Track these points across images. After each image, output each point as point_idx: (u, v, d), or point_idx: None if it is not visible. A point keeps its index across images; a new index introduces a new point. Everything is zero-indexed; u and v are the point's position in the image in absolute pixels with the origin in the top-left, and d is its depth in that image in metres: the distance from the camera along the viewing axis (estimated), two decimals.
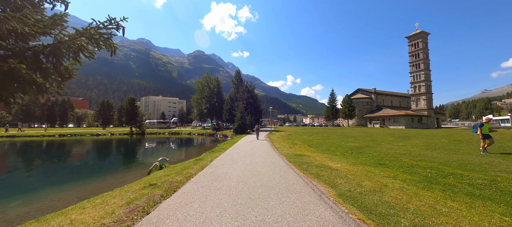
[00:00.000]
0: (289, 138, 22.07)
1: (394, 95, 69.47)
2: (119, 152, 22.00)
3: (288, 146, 13.34)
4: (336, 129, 42.37)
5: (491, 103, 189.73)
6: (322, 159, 8.46)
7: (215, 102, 47.09)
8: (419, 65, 58.76)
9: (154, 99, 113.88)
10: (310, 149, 12.48)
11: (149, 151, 22.04)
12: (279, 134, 28.86)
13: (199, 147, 25.98)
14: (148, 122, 59.34)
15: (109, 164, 14.90)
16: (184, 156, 17.26)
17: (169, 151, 22.29)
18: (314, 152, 10.75)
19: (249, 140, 19.29)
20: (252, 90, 39.83)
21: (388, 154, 9.67)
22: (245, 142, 17.36)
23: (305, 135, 26.79)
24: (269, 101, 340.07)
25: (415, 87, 59.69)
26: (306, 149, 12.53)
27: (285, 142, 17.19)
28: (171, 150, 23.08)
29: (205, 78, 51.48)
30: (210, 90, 48.73)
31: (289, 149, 11.80)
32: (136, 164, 14.80)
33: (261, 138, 23.22)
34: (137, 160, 16.66)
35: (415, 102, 59.85)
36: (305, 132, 32.41)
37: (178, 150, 23.13)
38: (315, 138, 21.52)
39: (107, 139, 34.76)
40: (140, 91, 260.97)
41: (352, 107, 56.51)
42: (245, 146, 13.85)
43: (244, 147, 13.43)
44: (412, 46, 60.63)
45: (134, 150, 23.06)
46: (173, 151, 21.84)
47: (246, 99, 36.90)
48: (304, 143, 16.13)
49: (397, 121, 52.63)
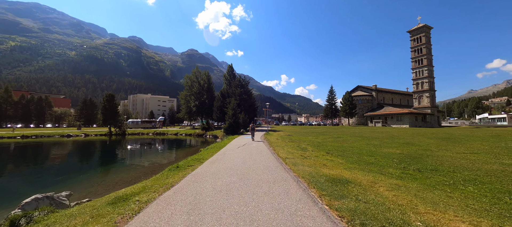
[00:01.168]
0: (292, 139, 17.91)
1: (395, 93, 66.69)
2: (57, 160, 17.31)
3: (299, 155, 9.12)
4: (339, 128, 38.62)
5: (482, 102, 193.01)
6: (391, 192, 4.23)
7: (205, 99, 42.52)
8: (422, 61, 55.95)
9: (142, 97, 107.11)
10: (335, 160, 8.30)
11: (108, 157, 17.43)
12: (277, 134, 24.69)
13: (179, 151, 21.51)
14: (131, 121, 54.10)
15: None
16: (132, 177, 10.28)
17: (131, 158, 17.73)
18: (353, 170, 6.43)
19: (242, 143, 15.04)
20: (246, 85, 35.55)
21: (495, 172, 5.65)
22: (235, 147, 13.09)
23: (309, 135, 22.71)
24: (264, 101, 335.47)
25: (418, 84, 56.87)
26: (328, 159, 8.35)
27: (290, 146, 13.04)
28: (134, 157, 18.47)
29: (194, 73, 46.81)
30: (200, 86, 44.09)
31: (304, 161, 7.59)
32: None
33: (257, 138, 19.06)
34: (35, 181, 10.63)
35: (417, 100, 57.03)
36: (307, 131, 28.39)
37: (143, 157, 18.50)
38: (325, 139, 17.41)
39: (77, 141, 29.79)
40: (131, 90, 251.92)
41: (353, 105, 53.09)
42: (235, 155, 9.58)
43: (233, 157, 9.15)
44: (414, 41, 57.78)
45: (84, 157, 18.38)
46: (132, 160, 17.16)
47: (239, 95, 32.58)
48: (317, 148, 12.02)
49: (401, 120, 49.51)
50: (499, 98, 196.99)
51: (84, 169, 13.57)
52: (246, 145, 14.07)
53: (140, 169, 12.41)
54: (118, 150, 22.54)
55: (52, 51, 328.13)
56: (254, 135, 19.00)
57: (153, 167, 13.02)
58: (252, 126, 19.15)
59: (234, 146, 13.40)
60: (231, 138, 21.25)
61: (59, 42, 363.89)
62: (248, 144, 14.81)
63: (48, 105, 71.89)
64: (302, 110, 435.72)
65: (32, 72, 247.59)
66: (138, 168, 12.90)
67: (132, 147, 24.52)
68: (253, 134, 18.88)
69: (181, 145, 27.20)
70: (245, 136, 22.51)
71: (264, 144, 14.87)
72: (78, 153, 21.08)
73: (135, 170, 12.09)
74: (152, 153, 20.31)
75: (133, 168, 12.85)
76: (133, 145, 26.27)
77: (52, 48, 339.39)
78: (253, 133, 18.85)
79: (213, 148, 13.39)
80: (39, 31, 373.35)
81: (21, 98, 65.87)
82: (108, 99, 39.84)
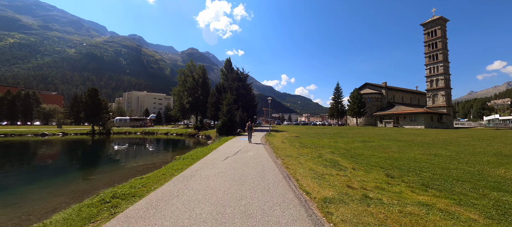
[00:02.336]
0: (303, 143, 13.66)
1: (405, 91, 62.22)
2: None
3: (342, 184, 4.75)
4: (351, 129, 34.25)
5: (487, 104, 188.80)
6: None
7: (199, 95, 38.22)
8: (437, 56, 51.45)
9: (137, 94, 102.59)
10: (445, 202, 3.89)
11: (51, 167, 13.22)
12: (281, 135, 20.38)
13: (160, 155, 17.23)
14: (118, 119, 49.82)
15: None
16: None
17: (78, 170, 13.48)
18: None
19: (235, 149, 10.92)
20: (245, 79, 31.23)
21: None
22: (223, 156, 8.88)
23: (321, 136, 18.37)
24: (264, 100, 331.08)
25: (432, 81, 52.37)
26: (426, 205, 3.95)
27: (306, 156, 8.85)
28: (86, 168, 14.18)
29: (188, 66, 42.52)
30: (194, 80, 39.77)
31: (377, 212, 3.23)
32: None
33: (255, 140, 14.88)
34: None
35: (431, 99, 52.53)
36: (316, 132, 24.05)
37: (98, 169, 14.26)
38: (351, 145, 13.14)
39: (51, 141, 25.67)
40: (130, 89, 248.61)
41: (362, 103, 48.65)
42: (211, 181, 5.23)
43: (206, 186, 4.82)
44: (428, 34, 53.30)
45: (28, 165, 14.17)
46: (75, 175, 12.95)
47: (236, 90, 28.30)
48: (355, 162, 7.79)
49: (415, 120, 45.07)
50: (502, 100, 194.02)
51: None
52: (240, 152, 9.82)
53: (123, 172, 8.23)
54: (80, 154, 18.31)
55: (51, 49, 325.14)
56: (251, 136, 14.83)
57: (126, 173, 8.82)
58: (249, 125, 15.04)
59: (222, 154, 9.14)
60: (224, 139, 16.99)
61: (59, 40, 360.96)
62: (243, 150, 10.59)
63: (36, 102, 67.87)
64: (302, 110, 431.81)
65: (30, 70, 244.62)
66: (120, 171, 8.73)
67: (105, 150, 20.36)
68: (250, 134, 14.71)
69: (166, 147, 22.97)
70: (241, 138, 18.25)
71: (265, 150, 10.63)
72: (34, 156, 16.81)
73: (57, 194, 7.78)
74: (120, 160, 16.06)
75: (59, 191, 8.50)
76: (109, 147, 22.12)
77: (51, 45, 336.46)
78: (250, 133, 14.70)
79: (186, 158, 9.10)
80: (39, 28, 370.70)
81: (6, 94, 61.80)
82: (90, 94, 35.66)
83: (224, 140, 16.31)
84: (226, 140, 16.71)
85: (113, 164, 13.52)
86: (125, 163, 13.76)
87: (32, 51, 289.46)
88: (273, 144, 13.23)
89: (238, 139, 16.88)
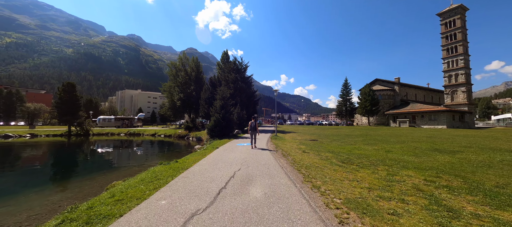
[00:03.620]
0: (337, 154, 8.91)
1: (419, 88, 57.32)
2: None
3: None
4: (368, 129, 29.44)
5: (491, 103, 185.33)
6: None
7: (192, 91, 33.37)
8: (456, 49, 46.65)
9: (131, 93, 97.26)
10: None
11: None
12: (292, 137, 15.58)
13: (121, 169, 12.42)
14: (101, 118, 44.97)
15: None
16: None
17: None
18: None
19: (227, 171, 6.35)
20: (244, 70, 26.38)
21: None
22: (204, 186, 4.00)
23: (348, 140, 13.60)
24: (263, 100, 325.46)
25: (451, 76, 47.56)
26: None
27: (383, 186, 3.68)
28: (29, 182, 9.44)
29: (180, 59, 37.65)
30: (186, 74, 34.92)
31: None
32: None
33: (260, 145, 10.24)
34: None
35: (450, 96, 47.72)
36: (334, 134, 19.23)
37: (43, 185, 9.46)
38: (423, 155, 8.20)
39: (14, 144, 20.90)
40: (128, 88, 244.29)
41: (375, 100, 43.73)
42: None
43: None
44: (446, 25, 48.50)
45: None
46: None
47: (233, 82, 23.49)
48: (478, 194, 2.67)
49: (435, 119, 40.19)
50: (503, 99, 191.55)
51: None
52: (235, 182, 4.94)
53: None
54: (32, 162, 13.53)
55: (48, 48, 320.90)
56: (255, 139, 10.29)
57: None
58: (253, 124, 10.72)
59: (189, 194, 4.23)
60: (214, 145, 12.21)
61: (56, 39, 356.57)
62: (242, 172, 5.82)
63: (19, 100, 63.07)
64: (301, 110, 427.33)
65: (26, 69, 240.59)
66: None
67: (58, 158, 15.55)
68: (253, 136, 10.57)
69: (145, 153, 18.16)
70: (240, 142, 13.45)
71: (283, 170, 5.88)
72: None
73: None
74: (80, 170, 11.27)
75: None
76: (73, 152, 17.36)
77: (48, 45, 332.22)
78: (253, 135, 10.59)
79: (131, 189, 4.24)
80: (36, 28, 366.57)
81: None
82: (65, 89, 30.83)
83: (214, 146, 11.51)
84: (218, 145, 11.91)
85: (106, 172, 8.74)
86: (120, 170, 9.01)
87: (29, 51, 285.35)
88: (290, 155, 8.44)
89: (234, 144, 12.08)
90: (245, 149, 10.10)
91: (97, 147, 21.09)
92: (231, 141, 13.82)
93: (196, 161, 7.25)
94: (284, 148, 10.37)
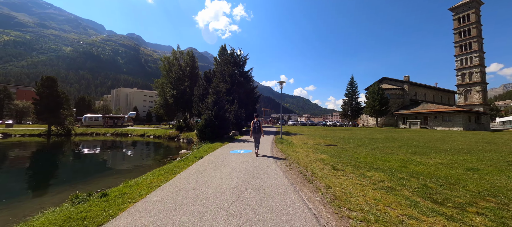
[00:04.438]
0: (413, 184, 5.61)
1: (428, 87, 54.27)
2: None
3: None
4: (381, 131, 26.39)
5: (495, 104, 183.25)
6: None
7: (185, 87, 30.29)
8: (470, 46, 43.68)
9: (126, 91, 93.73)
10: None
11: None
12: (300, 141, 12.62)
13: (86, 180, 9.37)
14: (88, 117, 41.81)
15: None
16: None
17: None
18: None
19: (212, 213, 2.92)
20: (243, 63, 23.31)
21: None
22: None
23: (382, 143, 10.53)
24: (262, 100, 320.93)
25: (464, 75, 44.58)
26: None
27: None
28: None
29: (174, 53, 34.54)
30: (180, 70, 31.84)
31: None
32: None
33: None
34: None
35: (463, 96, 44.74)
36: (350, 136, 16.20)
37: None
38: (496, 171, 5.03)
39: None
40: (127, 87, 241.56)
41: (384, 100, 40.63)
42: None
43: None
44: (459, 20, 45.54)
45: None
46: None
47: (230, 76, 20.43)
48: None
49: (450, 120, 37.14)
50: (503, 101, 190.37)
51: None
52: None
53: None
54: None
55: (47, 47, 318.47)
56: (259, 143, 7.91)
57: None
58: (257, 124, 8.23)
59: None
60: (202, 151, 9.20)
61: (55, 38, 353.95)
62: (236, 214, 2.63)
63: (7, 98, 59.94)
64: (301, 110, 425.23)
65: (24, 67, 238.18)
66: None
67: (22, 162, 12.50)
68: (257, 140, 8.13)
69: (121, 159, 15.09)
70: (235, 147, 10.44)
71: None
72: None
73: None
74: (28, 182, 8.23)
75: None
76: (44, 154, 14.29)
77: (47, 43, 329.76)
78: (257, 137, 8.15)
79: None
80: (35, 26, 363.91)
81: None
82: (44, 84, 27.81)
83: (198, 155, 8.42)
84: (204, 152, 8.84)
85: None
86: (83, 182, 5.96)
87: (27, 49, 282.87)
88: (314, 174, 5.45)
89: (227, 151, 9.05)
90: (241, 160, 7.03)
91: (67, 150, 18.04)
92: (224, 146, 10.76)
93: (145, 191, 4.21)
94: (298, 159, 7.29)
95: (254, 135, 8.09)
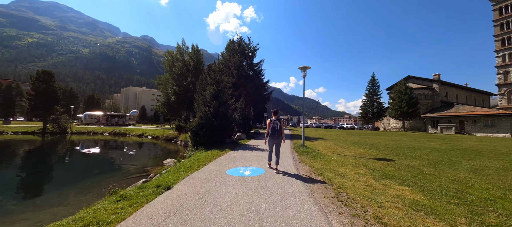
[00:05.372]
0: None
1: (460, 87, 48.27)
2: None
3: None
4: (422, 137, 21.94)
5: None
6: None
7: (189, 83, 27.44)
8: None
9: (135, 90, 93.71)
10: None
11: None
12: (330, 150, 8.93)
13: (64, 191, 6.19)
14: (87, 114, 40.21)
15: None
16: None
17: None
18: None
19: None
20: (252, 55, 19.97)
21: None
22: None
23: (449, 153, 6.65)
24: (270, 101, 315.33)
25: (507, 73, 38.62)
26: None
27: None
28: None
29: (179, 47, 31.92)
30: (184, 65, 29.08)
31: None
32: None
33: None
34: None
35: (506, 97, 38.75)
36: (393, 145, 12.44)
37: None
38: None
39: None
40: (139, 87, 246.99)
41: (413, 101, 35.69)
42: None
43: None
44: (500, 10, 39.68)
45: None
46: None
47: (237, 68, 17.17)
48: None
49: (494, 125, 31.69)
50: None
51: None
52: None
53: None
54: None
55: (66, 48, 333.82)
56: (279, 154, 4.85)
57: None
58: (276, 123, 4.81)
59: None
60: (184, 167, 5.72)
61: (74, 40, 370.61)
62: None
63: (19, 95, 60.33)
64: (310, 113, 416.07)
65: (45, 68, 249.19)
66: None
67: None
68: (276, 148, 4.84)
69: (102, 165, 12.13)
70: (237, 162, 7.01)
71: None
72: None
73: None
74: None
75: None
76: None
77: (66, 45, 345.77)
78: (276, 143, 4.82)
79: None
80: (56, 28, 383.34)
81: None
82: (40, 78, 25.85)
83: (174, 176, 5.02)
84: (192, 168, 5.49)
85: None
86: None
87: (49, 50, 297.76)
88: None
89: (223, 170, 5.67)
90: (245, 195, 3.60)
91: (54, 151, 15.47)
92: (222, 157, 7.37)
93: None
94: (352, 190, 3.80)
95: (271, 140, 4.94)
